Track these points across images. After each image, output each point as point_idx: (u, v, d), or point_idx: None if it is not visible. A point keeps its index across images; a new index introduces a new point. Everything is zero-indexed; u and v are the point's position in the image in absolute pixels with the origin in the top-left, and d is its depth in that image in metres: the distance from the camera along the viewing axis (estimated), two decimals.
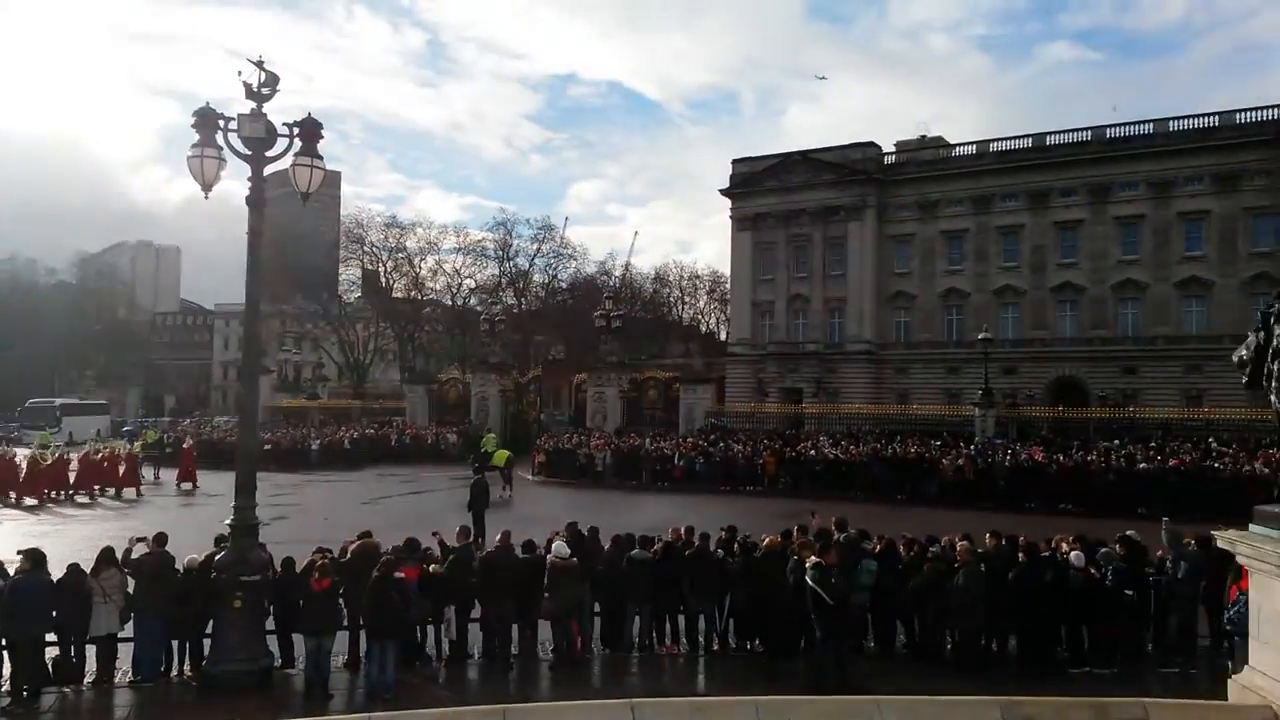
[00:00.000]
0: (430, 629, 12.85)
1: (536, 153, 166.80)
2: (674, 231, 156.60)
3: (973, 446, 33.86)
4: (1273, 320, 8.22)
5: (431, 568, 12.63)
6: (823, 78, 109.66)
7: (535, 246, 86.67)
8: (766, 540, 13.35)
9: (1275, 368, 8.11)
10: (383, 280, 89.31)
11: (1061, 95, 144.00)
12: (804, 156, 64.75)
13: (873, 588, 12.56)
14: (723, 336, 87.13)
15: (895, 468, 31.12)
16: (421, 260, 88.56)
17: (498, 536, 13.37)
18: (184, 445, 39.18)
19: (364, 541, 12.86)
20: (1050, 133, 59.38)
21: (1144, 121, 56.71)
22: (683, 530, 13.88)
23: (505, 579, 12.52)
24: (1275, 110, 52.37)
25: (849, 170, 62.73)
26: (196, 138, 11.39)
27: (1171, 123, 55.57)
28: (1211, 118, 54.54)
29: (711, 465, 34.44)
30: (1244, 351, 8.69)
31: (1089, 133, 57.82)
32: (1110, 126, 57.41)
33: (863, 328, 62.28)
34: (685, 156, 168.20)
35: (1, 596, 11.03)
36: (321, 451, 44.66)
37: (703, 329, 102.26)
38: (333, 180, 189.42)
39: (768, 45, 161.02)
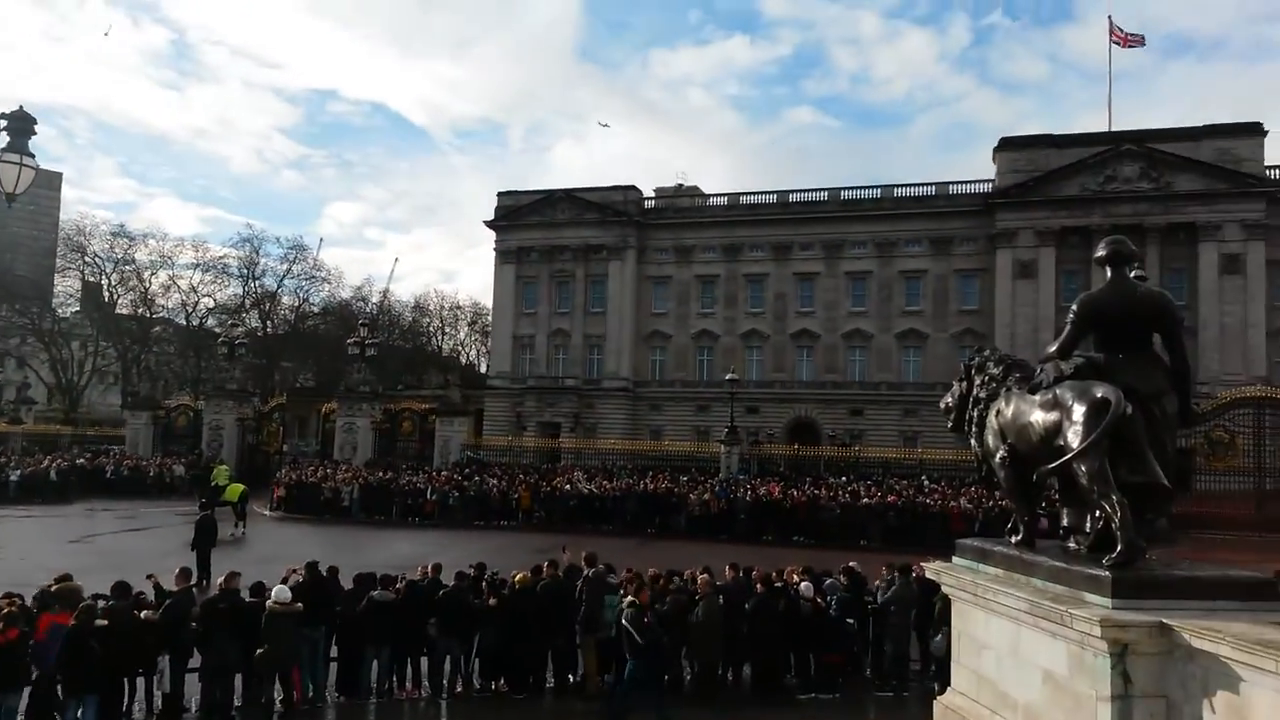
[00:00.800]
0: (140, 681, 11.59)
1: (291, 168, 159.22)
2: (436, 260, 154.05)
3: (718, 482, 35.38)
4: (973, 371, 9.17)
5: (144, 614, 11.43)
6: (605, 125, 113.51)
7: (285, 267, 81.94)
8: (518, 576, 13.22)
9: (975, 414, 9.02)
10: (106, 294, 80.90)
11: (804, 155, 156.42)
12: (568, 195, 65.98)
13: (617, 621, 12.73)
14: (483, 369, 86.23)
15: (647, 502, 31.93)
16: (153, 275, 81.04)
17: (221, 578, 12.31)
18: None
19: (63, 585, 11.42)
20: (793, 191, 64.29)
21: (872, 186, 62.76)
22: (429, 568, 13.44)
23: (227, 624, 11.52)
24: (980, 185, 59.47)
25: (611, 211, 64.55)
26: None
27: (896, 189, 61.75)
28: (929, 187, 61.18)
29: (466, 500, 33.75)
30: (949, 399, 9.62)
31: (825, 193, 63.08)
32: (844, 189, 62.94)
33: (621, 365, 63.89)
34: (451, 185, 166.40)
35: None
36: (21, 482, 39.46)
37: (463, 360, 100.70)
38: (50, 181, 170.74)
39: (538, 82, 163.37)
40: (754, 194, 65.42)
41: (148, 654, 11.34)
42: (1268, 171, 52.99)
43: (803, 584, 12.91)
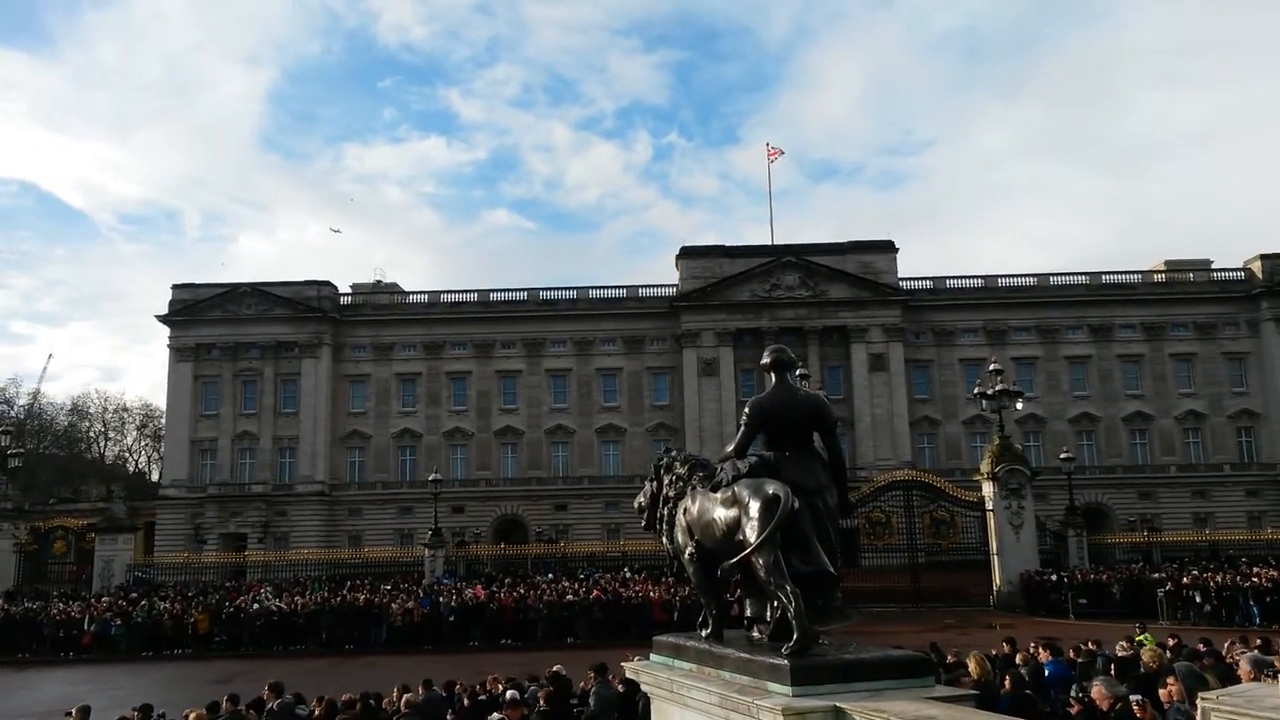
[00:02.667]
0: None
1: None
2: (98, 357, 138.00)
3: (421, 588, 34.13)
4: (662, 471, 9.65)
5: None
6: (337, 231, 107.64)
7: None
8: (191, 715, 11.83)
9: (665, 513, 9.44)
10: None
11: (504, 255, 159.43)
12: (255, 289, 62.28)
13: None
14: (155, 477, 77.71)
15: (344, 616, 30.01)
16: None
17: None
18: None
19: None
20: (493, 290, 65.08)
21: (569, 288, 65.13)
22: (74, 712, 11.71)
23: None
24: (666, 289, 63.69)
25: (304, 307, 61.68)
26: None
27: (591, 291, 64.56)
28: (621, 289, 64.60)
29: (131, 628, 29.91)
30: (642, 499, 10.02)
31: (525, 293, 64.57)
32: (543, 289, 64.85)
33: (316, 468, 60.28)
34: (116, 274, 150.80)
35: None
36: None
37: (130, 469, 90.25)
38: None
39: (214, 168, 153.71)
40: (455, 292, 65.44)
41: None
42: (901, 282, 61.45)
43: (508, 693, 12.67)
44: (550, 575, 37.19)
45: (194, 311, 61.65)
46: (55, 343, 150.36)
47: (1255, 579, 29.86)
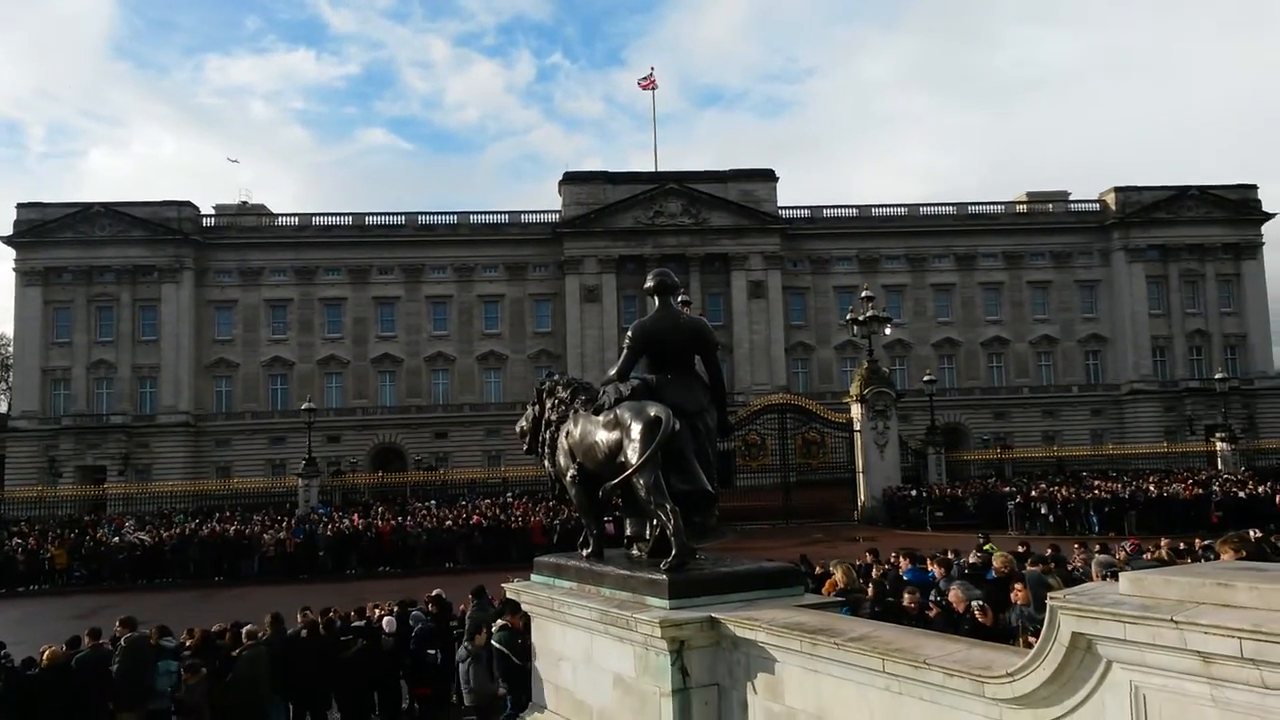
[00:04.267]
0: None
1: None
2: None
3: (295, 518, 33.42)
4: (544, 395, 9.63)
5: None
6: (235, 161, 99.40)
7: None
8: (47, 652, 11.32)
9: (547, 436, 9.46)
10: None
11: (380, 177, 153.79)
12: (109, 209, 58.26)
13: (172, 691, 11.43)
14: (4, 409, 72.86)
15: (212, 548, 29.11)
16: None
17: None
18: None
19: None
20: (369, 213, 62.81)
21: (450, 212, 63.45)
22: None
23: None
24: (549, 215, 62.90)
25: (163, 229, 58.17)
26: None
27: (472, 216, 63.17)
28: (503, 215, 63.48)
29: None
30: (524, 423, 10.01)
31: (404, 217, 62.61)
32: (422, 214, 62.97)
33: (179, 398, 57.68)
34: None
35: None
36: None
37: None
38: None
39: (59, 79, 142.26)
40: (328, 215, 62.88)
41: None
42: (781, 211, 62.45)
43: (384, 619, 12.61)
44: (431, 502, 36.93)
45: (42, 233, 57.33)
46: None
47: (1096, 491, 32.34)
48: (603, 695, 7.65)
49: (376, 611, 12.99)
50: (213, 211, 62.87)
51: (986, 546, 15.32)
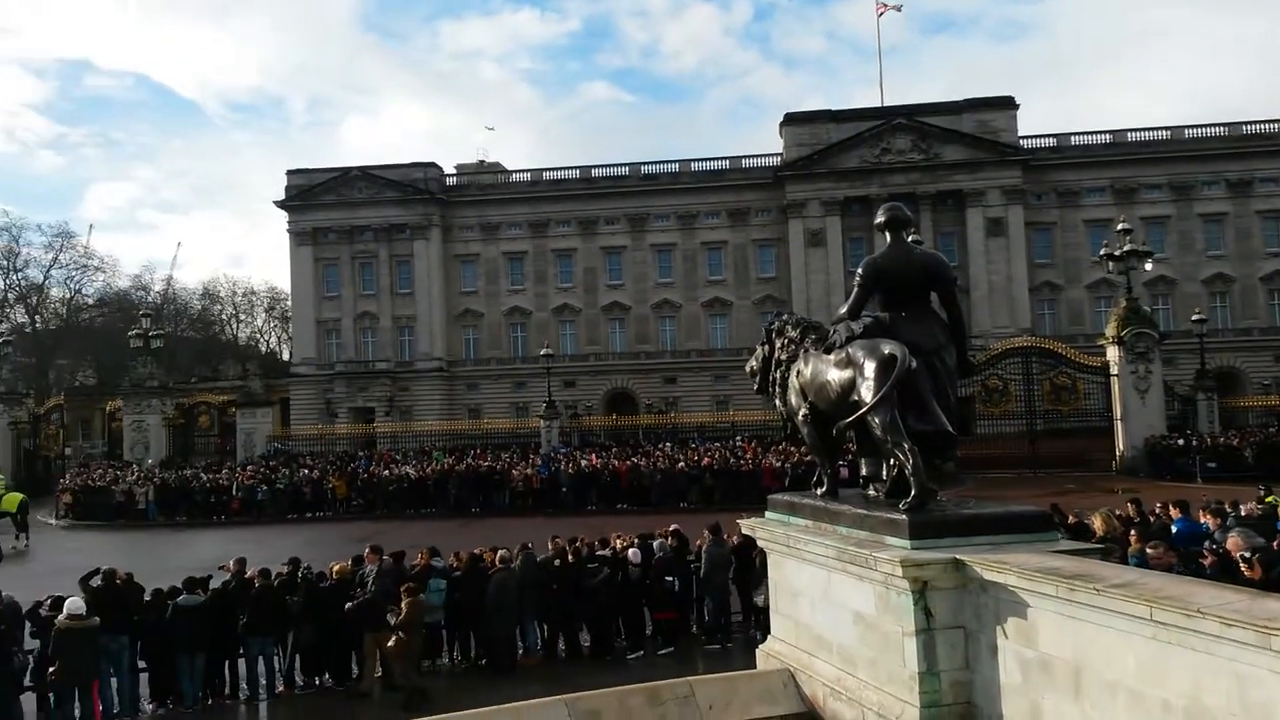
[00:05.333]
0: None
1: (47, 149, 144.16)
2: (224, 243, 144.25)
3: (539, 457, 35.50)
4: (774, 335, 9.63)
5: None
6: (491, 129, 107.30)
7: (51, 256, 74.83)
8: (335, 569, 12.84)
9: (778, 376, 9.48)
10: None
11: (604, 130, 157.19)
12: (365, 172, 63.49)
13: (446, 604, 12.67)
14: (285, 356, 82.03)
15: (469, 482, 31.59)
16: None
17: None
18: None
19: None
20: (595, 166, 64.62)
21: (671, 161, 64.03)
22: (231, 563, 12.83)
23: None
24: (770, 159, 61.98)
25: (412, 189, 62.73)
26: None
27: (693, 164, 63.37)
28: (724, 161, 63.21)
29: (275, 494, 32.26)
30: (754, 363, 10.07)
31: (627, 168, 63.88)
32: (645, 164, 63.96)
33: (433, 345, 62.52)
34: (231, 163, 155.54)
35: None
36: None
37: (262, 349, 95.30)
38: None
39: (318, 52, 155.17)
40: (557, 169, 65.31)
41: None
42: (1022, 141, 58.14)
43: (630, 550, 13.25)
44: (666, 444, 38.00)
45: (308, 196, 63.48)
46: (182, 231, 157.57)
47: None
48: (843, 632, 7.68)
49: (619, 542, 13.67)
50: (454, 171, 67.03)
51: (1269, 499, 13.88)
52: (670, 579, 13.08)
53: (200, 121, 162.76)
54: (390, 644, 11.41)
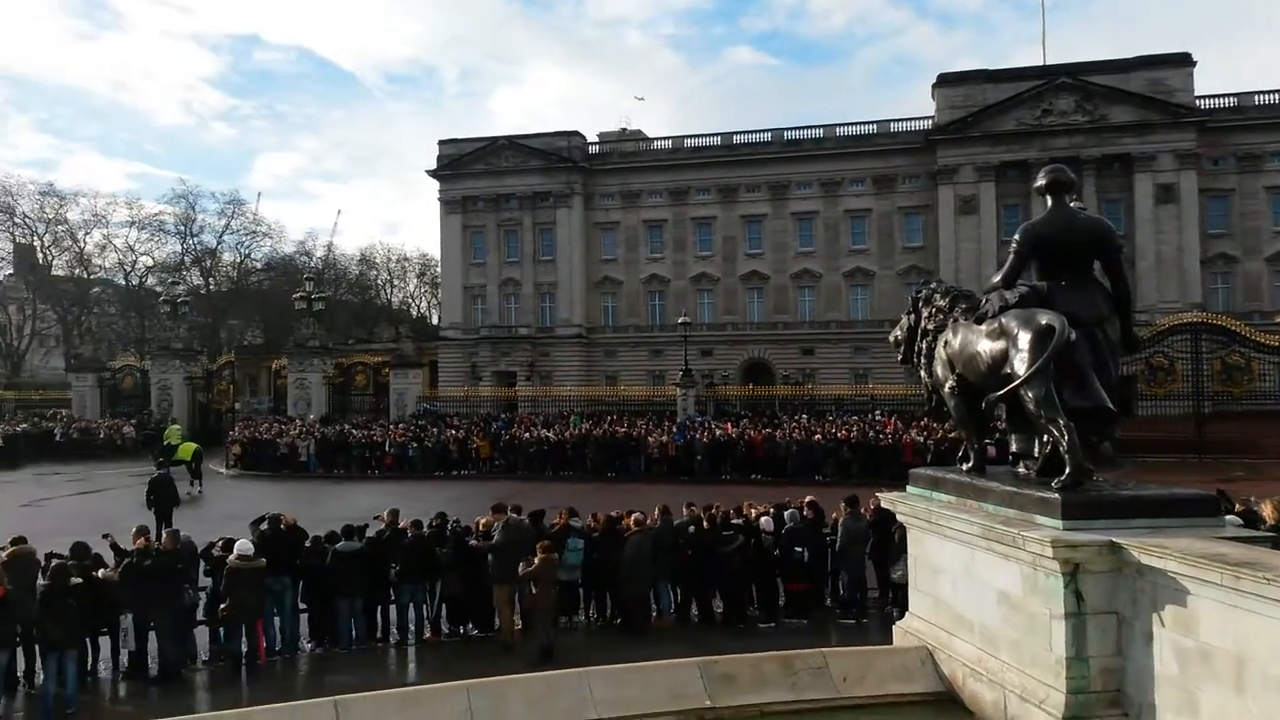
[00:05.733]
0: (104, 641, 11.60)
1: (220, 121, 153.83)
2: (379, 211, 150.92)
3: (675, 424, 35.76)
4: (920, 304, 9.35)
5: (101, 573, 11.39)
6: (640, 99, 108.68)
7: (224, 222, 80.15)
8: (482, 521, 13.37)
9: (923, 346, 9.22)
10: (40, 256, 78.50)
11: (747, 96, 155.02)
12: (511, 142, 64.94)
13: (583, 564, 13.02)
14: (435, 320, 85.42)
15: (605, 447, 32.18)
16: (87, 234, 78.89)
17: (164, 536, 12.30)
18: None
19: (16, 549, 11.29)
20: (736, 133, 63.85)
21: (815, 126, 62.54)
22: (385, 514, 13.54)
23: (160, 582, 11.40)
24: (920, 122, 59.73)
25: (556, 158, 63.75)
26: None
27: (838, 128, 61.73)
28: (871, 125, 61.28)
29: (424, 451, 33.77)
30: (898, 332, 9.82)
31: (769, 134, 62.87)
32: (788, 129, 62.76)
33: (573, 312, 63.72)
34: (387, 133, 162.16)
35: None
36: None
37: (414, 313, 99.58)
38: None
39: (469, 23, 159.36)
40: (698, 136, 64.94)
41: (110, 613, 11.32)
42: (1198, 101, 53.92)
43: (762, 519, 13.23)
44: (802, 416, 37.61)
45: (458, 165, 65.50)
46: (341, 199, 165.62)
47: None
48: (985, 611, 7.47)
49: (753, 511, 13.66)
50: (596, 140, 67.71)
51: None
52: (800, 549, 13.00)
53: (359, 93, 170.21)
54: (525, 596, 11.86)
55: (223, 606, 11.69)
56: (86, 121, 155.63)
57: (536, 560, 11.76)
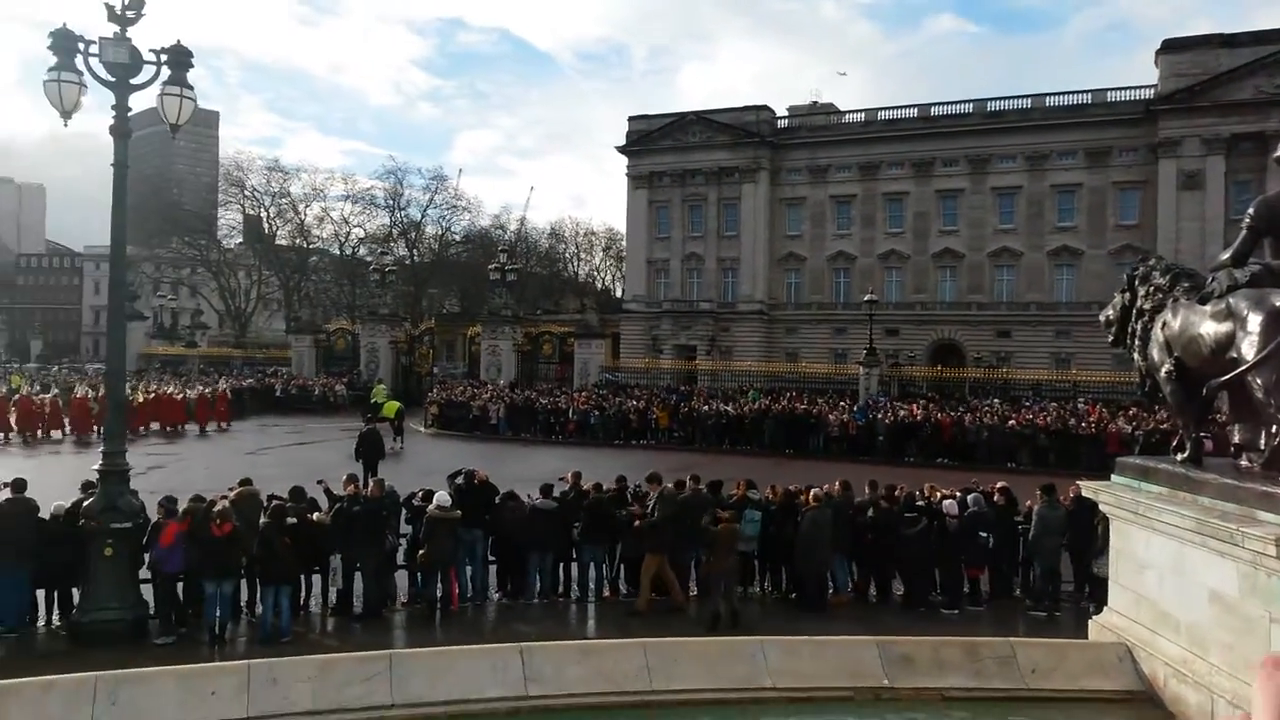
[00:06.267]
0: (315, 580, 12.67)
1: (425, 100, 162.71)
2: (569, 187, 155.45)
3: (856, 404, 35.04)
4: (1137, 282, 8.74)
5: (315, 516, 12.43)
6: (843, 74, 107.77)
7: (427, 197, 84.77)
8: (656, 491, 13.62)
9: (1138, 327, 8.61)
10: (265, 226, 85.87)
11: (945, 66, 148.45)
12: (699, 117, 64.98)
13: (760, 536, 13.04)
14: (618, 293, 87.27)
15: (784, 423, 31.95)
16: (307, 207, 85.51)
17: (371, 485, 13.23)
18: (73, 395, 36.89)
19: (243, 490, 12.51)
20: (934, 104, 61.18)
21: (1022, 96, 58.92)
22: (569, 476, 14.02)
23: (368, 527, 12.28)
24: (1142, 90, 55.17)
25: (743, 132, 63.27)
26: (54, 61, 10.60)
27: (1048, 98, 57.95)
28: (1084, 95, 57.11)
29: (605, 419, 34.68)
30: (1110, 311, 9.22)
31: (970, 105, 59.82)
32: (990, 100, 59.51)
33: (755, 288, 63.36)
34: (579, 111, 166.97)
35: None
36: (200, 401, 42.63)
37: (598, 286, 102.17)
38: (209, 120, 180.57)
39: (660, 1, 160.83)
40: (893, 109, 62.76)
41: (321, 553, 12.33)
42: None
43: (945, 501, 12.79)
44: (994, 400, 35.97)
45: (646, 141, 66.29)
46: (533, 174, 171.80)
47: None
48: (1194, 610, 6.96)
49: (937, 494, 13.24)
50: (786, 113, 66.70)
51: None
52: (985, 535, 12.49)
53: (553, 71, 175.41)
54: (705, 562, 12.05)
55: (421, 553, 12.49)
56: (307, 102, 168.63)
57: (719, 530, 11.90)
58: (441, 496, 12.61)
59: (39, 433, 31.95)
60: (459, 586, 12.90)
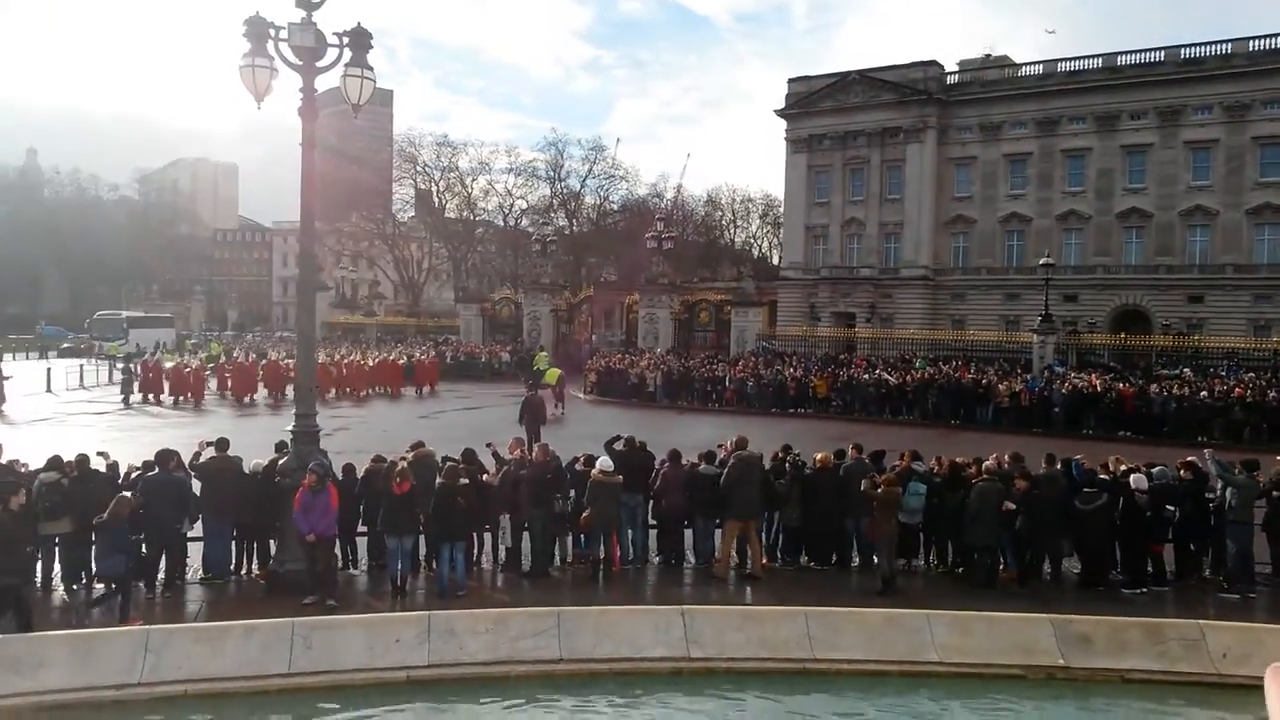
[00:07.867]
0: (487, 537, 13.25)
1: (584, 71, 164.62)
2: (726, 153, 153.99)
3: (1030, 374, 33.41)
4: None
5: (485, 476, 12.95)
6: (1051, 31, 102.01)
7: (586, 167, 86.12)
8: (819, 458, 13.46)
9: None
10: (435, 200, 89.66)
11: (1133, 12, 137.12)
12: (862, 76, 62.85)
13: (925, 509, 12.69)
14: (775, 260, 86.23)
15: (949, 393, 30.84)
16: (473, 180, 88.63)
17: (535, 449, 13.63)
18: (250, 359, 40.23)
19: (419, 451, 13.18)
20: (1121, 53, 56.84)
21: (1221, 42, 53.85)
22: (728, 443, 13.92)
23: (536, 489, 12.65)
24: None
25: (909, 90, 60.79)
26: (248, 47, 11.32)
27: (1250, 42, 52.78)
28: None
29: (762, 388, 34.48)
30: None
31: (1162, 53, 55.22)
32: (1185, 46, 54.73)
33: (919, 253, 61.14)
34: (736, 75, 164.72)
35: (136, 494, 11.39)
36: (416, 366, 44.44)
37: (755, 253, 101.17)
38: (384, 99, 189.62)
39: None
40: (1074, 59, 58.69)
41: (491, 512, 12.87)
42: None
43: (1133, 476, 12.02)
44: (1184, 370, 33.52)
45: (806, 104, 64.79)
46: (690, 141, 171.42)
47: None
48: None
49: (1121, 467, 12.47)
50: (956, 68, 63.65)
51: None
52: (1171, 509, 11.66)
53: (711, 36, 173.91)
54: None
55: (584, 515, 12.85)
56: (472, 76, 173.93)
57: (880, 495, 11.72)
58: (604, 461, 12.89)
59: (245, 396, 34.91)
60: (620, 549, 13.20)
